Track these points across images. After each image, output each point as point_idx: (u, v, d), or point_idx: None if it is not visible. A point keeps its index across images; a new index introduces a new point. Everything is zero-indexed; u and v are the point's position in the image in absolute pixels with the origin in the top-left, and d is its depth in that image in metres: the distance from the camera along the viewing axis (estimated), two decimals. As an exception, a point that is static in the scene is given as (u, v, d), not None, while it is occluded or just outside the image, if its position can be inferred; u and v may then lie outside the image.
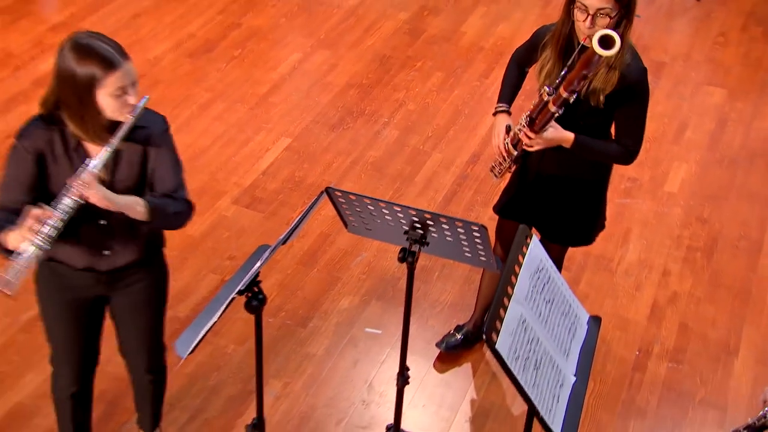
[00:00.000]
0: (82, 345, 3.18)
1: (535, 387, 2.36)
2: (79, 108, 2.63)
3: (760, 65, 6.16)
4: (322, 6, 6.53)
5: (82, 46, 2.60)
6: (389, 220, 2.85)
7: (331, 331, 4.15)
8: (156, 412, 3.45)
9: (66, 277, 2.97)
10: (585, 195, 3.55)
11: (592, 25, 3.12)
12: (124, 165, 2.78)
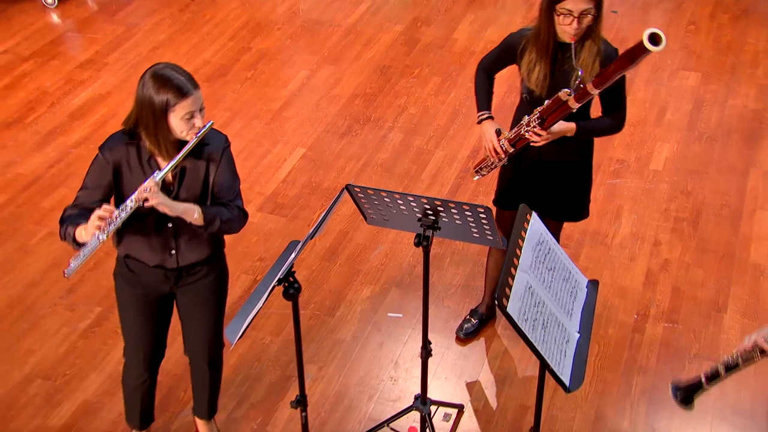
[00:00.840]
0: (152, 338, 3.31)
1: (544, 344, 2.47)
2: (154, 128, 2.80)
3: (729, 49, 6.19)
4: (323, 26, 6.59)
5: (160, 75, 2.77)
6: (404, 209, 2.93)
7: (357, 318, 4.22)
8: (213, 402, 3.56)
9: (140, 274, 3.12)
10: (577, 174, 3.63)
11: (578, 26, 3.17)
12: (190, 176, 2.93)
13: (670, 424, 3.70)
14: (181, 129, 2.82)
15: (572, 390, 2.52)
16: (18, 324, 4.15)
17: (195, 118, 2.82)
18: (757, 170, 5.05)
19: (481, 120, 3.62)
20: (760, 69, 5.99)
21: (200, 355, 3.38)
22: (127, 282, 3.16)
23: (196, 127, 2.83)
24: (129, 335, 3.29)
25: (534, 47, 3.38)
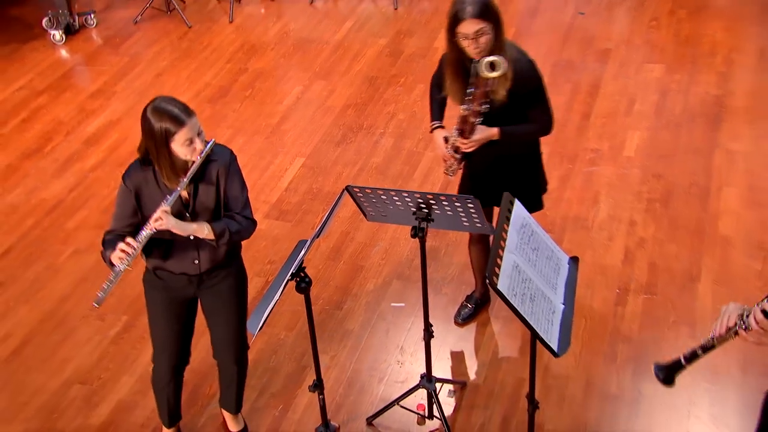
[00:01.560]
0: (177, 343, 3.38)
1: (533, 315, 2.58)
2: (158, 155, 2.91)
3: (688, 41, 6.23)
4: (312, 44, 6.66)
5: (157, 109, 2.88)
6: (399, 205, 3.03)
7: (363, 310, 4.28)
8: (240, 397, 3.61)
9: (166, 281, 3.21)
10: (524, 168, 3.71)
11: (477, 45, 3.23)
12: (203, 191, 3.03)
13: (655, 387, 3.69)
14: (184, 154, 2.91)
15: (560, 354, 2.61)
16: (53, 336, 4.23)
17: (195, 143, 2.90)
18: (720, 150, 5.09)
19: (432, 129, 3.69)
20: (718, 58, 6.01)
21: (227, 354, 3.44)
22: (155, 287, 3.25)
23: (197, 150, 2.91)
24: (156, 339, 3.37)
25: (447, 67, 3.48)
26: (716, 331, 2.68)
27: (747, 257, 4.27)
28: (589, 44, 6.27)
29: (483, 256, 4.04)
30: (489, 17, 3.17)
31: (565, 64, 6.08)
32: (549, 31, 6.53)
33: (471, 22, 3.14)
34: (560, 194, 4.86)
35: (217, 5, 7.32)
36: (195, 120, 2.90)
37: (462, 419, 3.69)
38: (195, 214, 3.04)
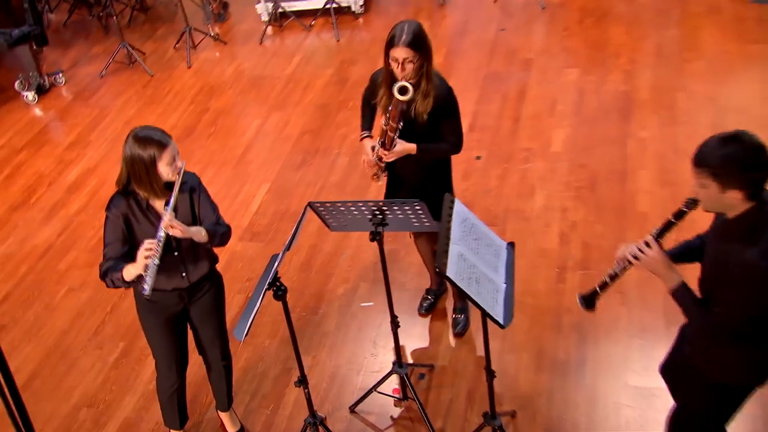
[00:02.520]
0: (177, 350, 3.44)
1: (479, 295, 2.73)
2: (147, 177, 2.98)
3: (597, 45, 6.35)
4: (266, 80, 6.72)
5: (141, 137, 2.97)
6: (357, 214, 3.15)
7: (336, 312, 4.34)
8: (229, 392, 3.67)
9: (160, 302, 3.26)
10: (437, 177, 3.78)
11: (402, 70, 3.33)
12: (181, 209, 3.13)
13: (595, 351, 3.87)
14: (168, 172, 2.99)
15: (505, 326, 2.76)
16: (58, 367, 4.26)
17: (177, 162, 3.00)
18: (632, 138, 5.21)
19: (361, 138, 3.77)
20: (622, 58, 6.12)
21: (215, 353, 3.52)
22: (150, 311, 3.31)
23: (178, 167, 3.00)
24: (159, 352, 3.42)
25: (382, 82, 3.54)
26: (618, 264, 2.88)
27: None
28: (512, 56, 6.41)
29: (430, 249, 4.11)
30: (418, 48, 3.27)
31: (494, 76, 6.17)
32: (477, 48, 6.61)
33: (401, 50, 3.26)
34: (500, 191, 4.96)
35: (174, 53, 7.38)
36: (173, 141, 3.02)
37: (433, 397, 3.79)
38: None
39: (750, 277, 2.45)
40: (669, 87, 5.66)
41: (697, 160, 2.48)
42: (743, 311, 2.54)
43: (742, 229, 2.49)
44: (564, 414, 3.61)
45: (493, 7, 7.25)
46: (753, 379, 2.74)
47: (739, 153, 2.41)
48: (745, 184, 2.42)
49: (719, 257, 2.58)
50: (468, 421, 3.64)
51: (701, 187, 2.48)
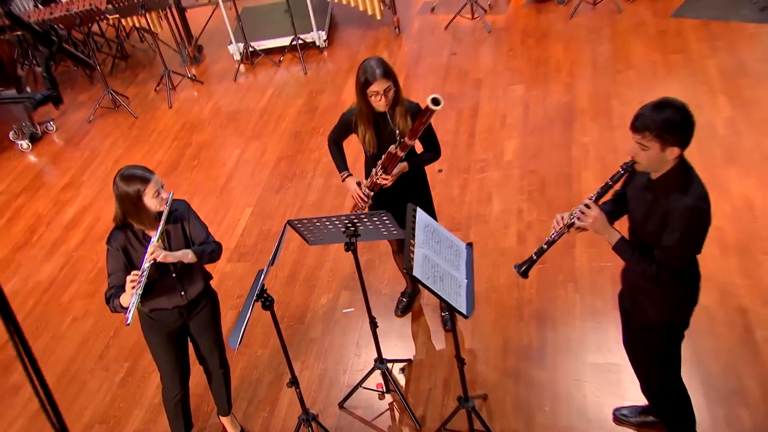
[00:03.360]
0: (179, 363, 3.49)
1: (443, 291, 2.82)
2: (136, 212, 3.05)
3: (539, 63, 6.42)
4: (242, 113, 6.74)
5: (125, 176, 3.04)
6: (331, 228, 3.24)
7: (321, 320, 4.40)
8: (228, 398, 3.72)
9: (161, 320, 3.32)
10: (419, 190, 3.87)
11: (386, 99, 3.41)
12: (173, 235, 3.19)
13: (554, 335, 3.95)
14: (155, 204, 3.06)
15: (468, 316, 2.84)
16: (69, 391, 4.28)
17: (161, 194, 3.06)
18: (575, 143, 5.29)
19: (344, 179, 3.80)
20: (562, 72, 6.19)
21: (214, 362, 3.58)
22: (152, 329, 3.37)
23: (163, 199, 3.07)
24: (163, 365, 3.47)
25: (360, 121, 3.59)
26: (555, 230, 2.98)
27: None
28: (464, 77, 6.49)
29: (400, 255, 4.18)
30: (391, 77, 3.40)
31: (449, 96, 6.19)
32: (432, 72, 6.68)
33: (380, 82, 3.36)
34: (462, 199, 5.03)
35: (155, 95, 7.40)
36: (156, 176, 3.07)
37: (413, 388, 3.87)
38: (172, 250, 3.20)
39: (691, 218, 2.62)
40: (605, 95, 5.75)
41: (639, 126, 2.60)
42: (683, 250, 2.70)
43: (673, 182, 2.66)
44: (530, 393, 3.70)
45: (444, 33, 7.33)
46: (686, 313, 2.91)
47: (676, 115, 2.57)
48: (681, 142, 2.59)
49: (655, 210, 2.72)
50: (445, 407, 3.73)
51: (642, 149, 2.62)
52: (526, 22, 7.17)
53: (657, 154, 2.61)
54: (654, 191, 2.75)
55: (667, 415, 3.22)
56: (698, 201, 2.62)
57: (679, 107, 2.60)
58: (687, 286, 2.86)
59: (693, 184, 2.66)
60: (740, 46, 5.98)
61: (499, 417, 3.63)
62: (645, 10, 6.84)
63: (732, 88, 5.49)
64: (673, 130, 2.57)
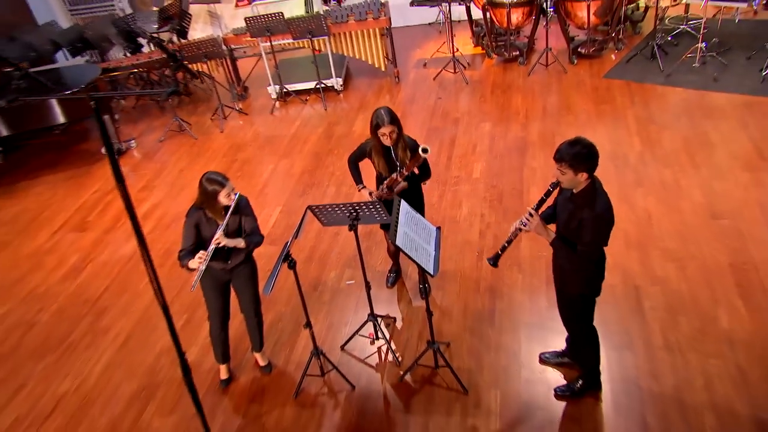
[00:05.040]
0: (223, 309, 3.76)
1: (417, 257, 3.12)
2: (210, 203, 3.33)
3: (503, 107, 6.66)
4: (275, 138, 6.90)
5: (209, 178, 3.32)
6: (339, 213, 3.51)
7: (329, 289, 4.59)
8: (261, 338, 3.96)
9: (213, 276, 3.62)
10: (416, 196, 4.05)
11: (391, 139, 3.70)
12: (231, 222, 3.46)
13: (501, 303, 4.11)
14: (225, 201, 3.36)
15: (434, 275, 3.11)
16: (144, 331, 4.49)
17: (231, 195, 3.36)
18: (527, 167, 5.53)
19: (359, 190, 4.04)
20: (520, 115, 6.44)
21: (251, 311, 3.81)
22: (207, 280, 3.62)
23: (231, 198, 3.36)
24: (212, 309, 3.72)
25: (374, 152, 3.87)
26: (511, 231, 3.19)
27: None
28: (446, 116, 6.75)
29: (395, 252, 4.45)
30: (396, 123, 3.73)
31: (434, 129, 6.47)
32: (422, 111, 6.90)
33: (387, 127, 3.70)
34: (439, 205, 5.27)
35: (211, 123, 7.56)
36: (230, 182, 3.37)
37: (396, 337, 4.11)
38: (229, 234, 3.50)
39: (599, 224, 2.89)
40: (551, 133, 5.99)
41: (558, 157, 2.88)
42: (596, 245, 2.96)
43: (585, 198, 2.94)
44: (481, 342, 3.95)
45: (432, 83, 7.58)
46: (596, 287, 3.18)
47: (584, 150, 2.84)
48: (588, 169, 2.87)
49: (574, 216, 2.97)
50: (418, 350, 3.96)
51: (562, 174, 2.89)
52: (495, 77, 7.43)
53: (572, 177, 2.88)
54: (574, 203, 2.99)
55: (582, 354, 3.46)
56: (602, 212, 2.87)
57: (586, 144, 2.84)
58: (596, 269, 3.12)
59: (598, 199, 2.88)
60: (651, 102, 6.30)
61: (457, 358, 3.87)
62: (584, 72, 7.16)
63: (643, 131, 5.81)
64: (582, 161, 2.83)
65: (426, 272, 3.20)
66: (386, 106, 3.84)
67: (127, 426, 3.88)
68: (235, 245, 3.45)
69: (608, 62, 7.28)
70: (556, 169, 2.92)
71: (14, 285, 5.29)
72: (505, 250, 3.25)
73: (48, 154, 7.41)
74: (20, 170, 7.15)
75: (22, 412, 4.08)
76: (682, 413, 3.38)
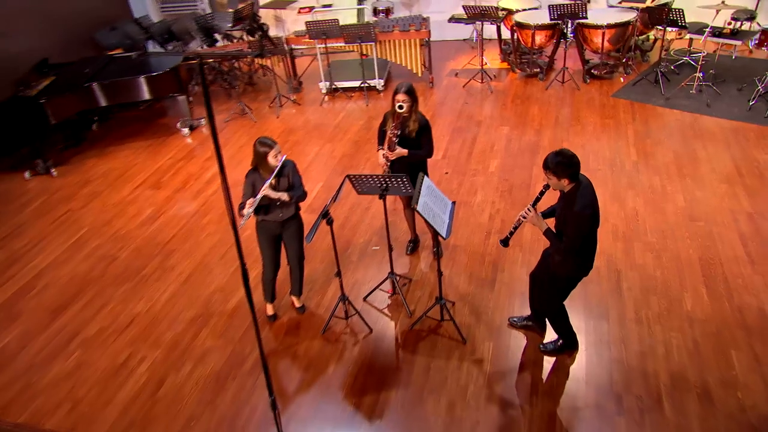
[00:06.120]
0: (274, 258, 3.94)
1: (434, 222, 3.34)
2: (261, 163, 3.52)
3: (521, 115, 6.74)
4: (322, 126, 7.05)
5: (261, 141, 3.53)
6: (372, 183, 3.66)
7: (358, 252, 4.77)
8: (300, 284, 4.15)
9: (266, 227, 3.81)
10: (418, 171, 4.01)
11: (401, 106, 3.88)
12: (281, 181, 3.68)
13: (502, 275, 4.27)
14: (273, 162, 3.54)
15: (446, 237, 3.31)
16: (202, 273, 4.74)
17: (278, 156, 3.52)
18: (536, 166, 5.62)
19: (378, 150, 4.17)
20: (535, 122, 6.53)
21: (295, 260, 4.01)
22: (261, 232, 3.84)
23: (278, 159, 3.53)
24: (265, 257, 3.93)
25: (390, 117, 4.02)
26: (516, 220, 3.38)
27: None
28: (471, 118, 6.87)
29: (410, 213, 4.58)
30: (410, 94, 3.88)
31: (459, 129, 6.58)
32: (450, 113, 6.99)
33: (401, 95, 3.86)
34: (458, 191, 5.40)
35: (269, 110, 7.73)
36: (277, 145, 3.57)
37: (410, 295, 4.29)
38: (279, 189, 3.69)
39: (579, 221, 3.05)
40: (560, 140, 6.08)
41: (545, 166, 3.07)
42: (575, 239, 3.11)
43: (570, 198, 3.11)
44: (480, 304, 4.14)
45: (461, 90, 7.69)
46: (580, 272, 3.34)
47: (564, 161, 3.02)
48: (570, 176, 3.04)
49: (563, 213, 3.17)
50: (427, 306, 4.14)
51: (549, 179, 3.09)
52: (517, 89, 7.54)
53: (556, 182, 3.06)
54: (563, 201, 3.18)
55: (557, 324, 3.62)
56: (582, 210, 3.00)
57: (567, 156, 2.99)
58: (582, 258, 3.25)
59: (578, 200, 2.99)
60: (650, 120, 6.37)
61: (459, 315, 4.08)
62: (594, 90, 7.23)
63: (640, 144, 5.92)
64: (563, 169, 3.00)
65: (439, 235, 3.42)
66: (410, 82, 3.93)
67: (186, 342, 4.22)
68: (279, 197, 3.63)
69: (617, 84, 7.37)
70: (544, 175, 3.11)
71: (103, 226, 5.65)
72: (513, 234, 3.43)
73: (133, 125, 7.77)
74: (110, 137, 7.53)
75: (104, 324, 4.45)
76: (642, 373, 3.60)
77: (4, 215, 5.96)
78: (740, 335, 3.74)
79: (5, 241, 5.53)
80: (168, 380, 3.88)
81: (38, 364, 4.14)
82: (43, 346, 4.29)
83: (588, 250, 3.23)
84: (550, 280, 3.47)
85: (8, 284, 4.98)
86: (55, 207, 6.00)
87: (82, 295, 4.73)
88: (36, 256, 5.28)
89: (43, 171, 6.70)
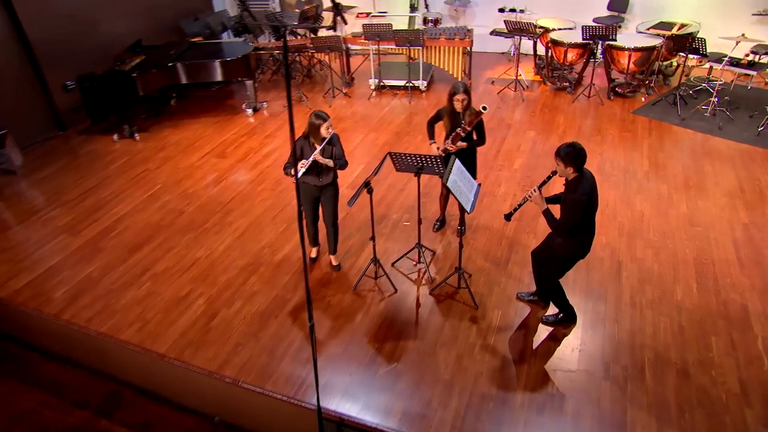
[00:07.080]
0: (315, 214, 4.14)
1: (460, 198, 3.54)
2: (314, 133, 3.72)
3: (547, 122, 6.78)
4: (368, 117, 7.16)
5: (316, 114, 3.71)
6: (410, 161, 3.84)
7: (391, 224, 4.95)
8: (335, 244, 4.34)
9: (307, 189, 3.98)
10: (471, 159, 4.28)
11: (462, 105, 4.00)
12: (327, 150, 3.83)
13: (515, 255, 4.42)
14: (324, 133, 3.69)
15: (470, 212, 3.50)
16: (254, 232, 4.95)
17: (329, 128, 3.69)
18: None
19: (430, 144, 4.31)
20: (560, 130, 6.55)
21: (330, 222, 4.17)
22: (304, 193, 4.01)
23: (329, 131, 3.71)
24: (307, 212, 4.12)
25: (446, 114, 4.16)
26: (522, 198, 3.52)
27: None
28: (501, 121, 6.91)
29: (446, 197, 4.74)
30: (468, 93, 4.05)
31: (490, 130, 6.44)
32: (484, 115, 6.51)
33: (461, 95, 4.03)
34: (484, 183, 5.51)
35: (323, 99, 7.87)
36: (329, 119, 3.75)
37: (434, 266, 4.46)
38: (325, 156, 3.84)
39: (576, 203, 3.21)
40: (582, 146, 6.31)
41: (557, 153, 3.21)
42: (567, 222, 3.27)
43: (573, 185, 3.26)
44: (493, 278, 4.31)
45: (496, 96, 7.72)
46: (578, 253, 3.50)
47: (573, 152, 3.17)
48: (576, 165, 3.20)
49: (564, 198, 3.32)
50: (447, 274, 4.38)
51: (557, 165, 3.23)
52: (546, 99, 7.57)
53: (563, 169, 3.20)
54: (567, 188, 3.32)
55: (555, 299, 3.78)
56: (580, 196, 3.16)
57: (577, 148, 3.11)
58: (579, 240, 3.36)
59: (580, 188, 3.12)
60: (664, 136, 6.40)
61: (474, 285, 4.27)
62: (617, 106, 7.24)
63: (652, 156, 5.97)
64: (571, 159, 3.14)
65: (464, 209, 3.66)
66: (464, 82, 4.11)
67: (238, 284, 4.55)
68: (325, 163, 3.82)
69: (638, 102, 7.38)
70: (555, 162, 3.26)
71: (174, 184, 6.02)
72: (516, 211, 3.60)
73: (205, 104, 8.13)
74: (185, 112, 7.91)
75: (170, 264, 4.81)
76: (630, 347, 3.77)
77: (93, 169, 6.40)
78: (722, 324, 3.86)
79: (93, 191, 5.97)
80: (220, 314, 4.21)
81: (116, 290, 4.54)
82: (120, 275, 4.69)
83: (586, 234, 3.35)
84: (549, 259, 3.61)
85: (94, 225, 5.41)
86: (136, 166, 6.41)
87: (154, 239, 5.09)
88: (117, 204, 5.68)
89: (128, 135, 7.15)
